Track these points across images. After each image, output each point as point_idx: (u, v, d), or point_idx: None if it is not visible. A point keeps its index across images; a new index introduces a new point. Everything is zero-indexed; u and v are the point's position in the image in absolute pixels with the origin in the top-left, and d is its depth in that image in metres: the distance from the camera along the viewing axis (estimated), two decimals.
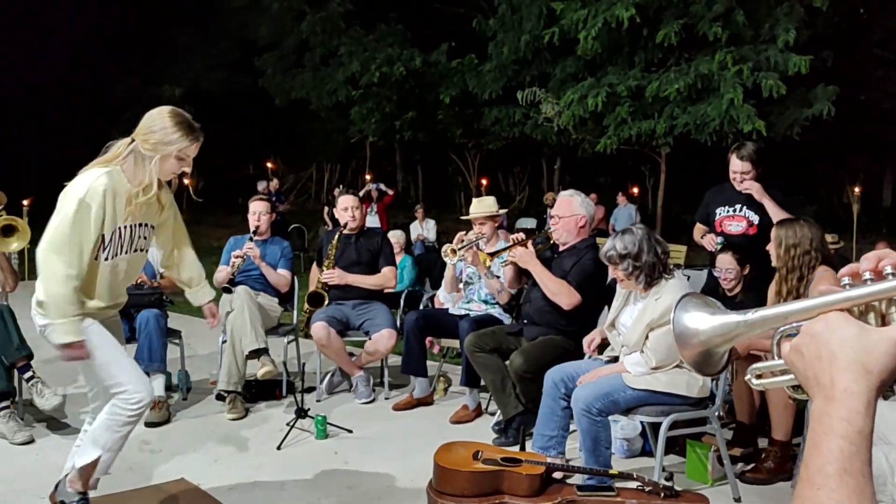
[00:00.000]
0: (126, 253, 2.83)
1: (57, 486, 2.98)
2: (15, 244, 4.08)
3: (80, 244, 2.64)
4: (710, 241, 4.38)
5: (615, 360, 3.41)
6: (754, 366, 0.90)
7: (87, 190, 2.63)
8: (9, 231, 4.02)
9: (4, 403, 4.00)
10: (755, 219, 4.23)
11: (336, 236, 4.94)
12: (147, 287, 4.66)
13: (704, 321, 0.86)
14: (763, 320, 0.82)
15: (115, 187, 2.68)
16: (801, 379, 0.77)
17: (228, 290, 4.75)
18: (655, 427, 3.26)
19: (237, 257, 4.81)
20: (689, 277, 6.06)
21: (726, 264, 4.08)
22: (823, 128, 11.81)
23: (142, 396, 2.76)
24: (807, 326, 0.77)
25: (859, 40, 13.51)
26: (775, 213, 4.03)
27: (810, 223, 3.47)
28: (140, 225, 2.84)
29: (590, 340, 3.64)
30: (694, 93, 10.86)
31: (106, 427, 2.79)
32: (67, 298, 2.63)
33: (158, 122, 2.70)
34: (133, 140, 2.72)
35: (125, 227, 2.78)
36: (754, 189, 4.11)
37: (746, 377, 0.92)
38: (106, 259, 2.77)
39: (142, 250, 2.92)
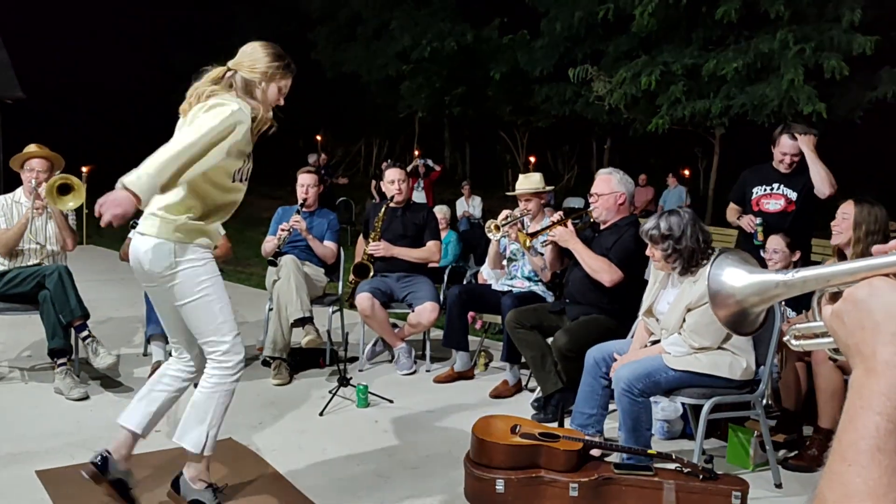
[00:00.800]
0: (244, 181, 2.78)
1: (177, 486, 2.80)
2: (71, 202, 4.21)
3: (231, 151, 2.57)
4: (749, 223, 4.30)
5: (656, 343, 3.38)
6: (795, 326, 0.86)
7: (239, 106, 2.57)
8: (65, 190, 4.15)
9: (61, 361, 4.16)
10: (793, 196, 4.15)
11: (383, 209, 4.99)
12: None
13: (742, 278, 0.82)
14: (804, 282, 0.78)
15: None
16: (841, 346, 0.73)
17: (273, 263, 4.84)
18: (697, 409, 3.22)
19: (283, 230, 4.89)
20: None
21: (774, 245, 4.01)
22: (887, 111, 11.35)
23: (241, 358, 2.72)
24: (850, 292, 0.72)
25: None
26: (817, 169, 4.00)
27: (882, 208, 3.38)
28: (250, 155, 2.77)
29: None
30: (753, 72, 10.52)
31: (210, 398, 2.67)
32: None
33: (253, 55, 2.74)
34: (229, 70, 2.68)
35: (250, 154, 2.74)
36: (804, 141, 4.06)
37: (786, 338, 0.89)
38: (241, 180, 2.73)
39: (247, 181, 2.81)
